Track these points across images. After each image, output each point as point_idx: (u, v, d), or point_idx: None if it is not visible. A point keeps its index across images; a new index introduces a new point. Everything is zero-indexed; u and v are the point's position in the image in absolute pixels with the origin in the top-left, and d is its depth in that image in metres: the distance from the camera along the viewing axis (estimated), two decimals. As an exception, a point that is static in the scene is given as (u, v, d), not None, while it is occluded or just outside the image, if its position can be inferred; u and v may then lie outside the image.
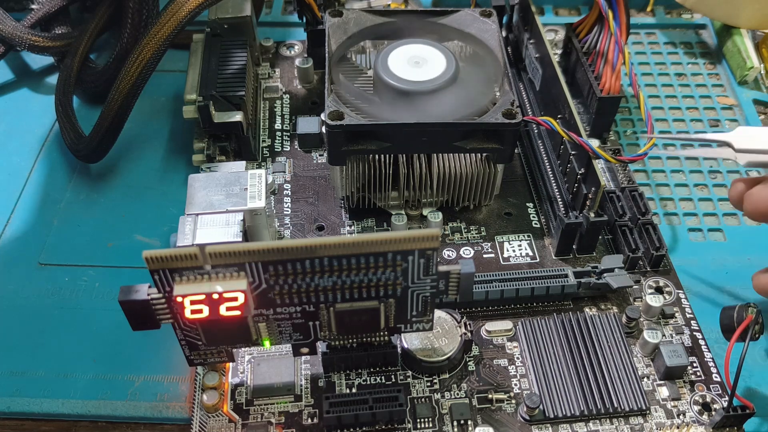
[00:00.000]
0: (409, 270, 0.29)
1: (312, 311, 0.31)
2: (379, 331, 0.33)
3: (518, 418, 0.34)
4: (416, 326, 0.33)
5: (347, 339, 0.34)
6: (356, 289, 0.30)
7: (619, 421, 0.34)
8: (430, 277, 0.30)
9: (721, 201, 0.46)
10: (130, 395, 0.36)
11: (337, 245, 0.27)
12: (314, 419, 0.34)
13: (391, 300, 0.31)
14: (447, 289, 0.31)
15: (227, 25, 0.47)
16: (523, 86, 0.50)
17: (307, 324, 0.31)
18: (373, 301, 0.30)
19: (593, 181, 0.38)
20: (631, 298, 0.39)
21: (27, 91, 0.53)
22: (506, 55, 0.42)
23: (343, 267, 0.28)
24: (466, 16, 0.44)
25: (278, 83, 0.51)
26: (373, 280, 0.29)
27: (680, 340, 0.37)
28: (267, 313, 0.30)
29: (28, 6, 0.56)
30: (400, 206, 0.43)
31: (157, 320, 0.29)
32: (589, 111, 0.46)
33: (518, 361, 0.36)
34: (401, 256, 0.28)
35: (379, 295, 0.30)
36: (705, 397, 0.35)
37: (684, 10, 0.60)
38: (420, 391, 0.35)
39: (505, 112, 0.38)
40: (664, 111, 0.52)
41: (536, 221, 0.43)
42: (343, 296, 0.30)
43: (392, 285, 0.30)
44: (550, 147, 0.43)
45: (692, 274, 0.41)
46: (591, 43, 0.47)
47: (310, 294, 0.29)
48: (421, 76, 0.40)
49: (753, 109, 0.52)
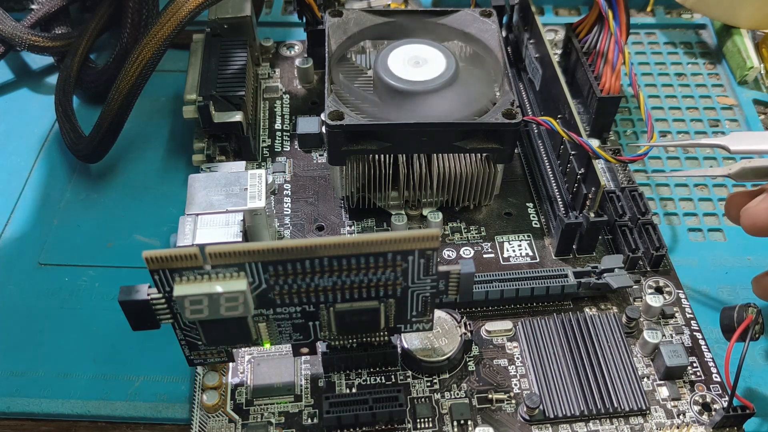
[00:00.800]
0: (409, 270, 0.29)
1: (312, 311, 0.31)
2: (379, 331, 0.33)
3: (518, 418, 0.34)
4: (416, 326, 0.33)
5: (347, 339, 0.34)
6: (356, 289, 0.30)
7: (619, 421, 0.34)
8: (430, 277, 0.30)
9: (720, 201, 0.46)
10: (129, 395, 0.36)
11: (337, 245, 0.27)
12: (314, 419, 0.34)
13: (391, 300, 0.31)
14: (447, 289, 0.31)
15: (227, 25, 0.47)
16: (523, 86, 0.50)
17: (307, 324, 0.31)
18: (373, 301, 0.30)
19: (593, 181, 0.38)
20: (631, 298, 0.39)
21: (27, 91, 0.53)
22: (506, 55, 0.42)
23: (343, 267, 0.28)
24: (466, 16, 0.44)
25: (278, 83, 0.51)
26: (373, 280, 0.29)
27: (680, 340, 0.37)
28: (267, 313, 0.30)
29: (28, 6, 0.56)
30: (400, 206, 0.43)
31: (157, 320, 0.29)
32: (589, 111, 0.46)
33: (518, 361, 0.36)
34: (401, 256, 0.28)
35: (379, 295, 0.30)
36: (705, 397, 0.35)
37: (684, 10, 0.60)
38: (420, 391, 0.35)
39: (505, 112, 0.38)
40: (664, 111, 0.52)
41: (536, 221, 0.43)
42: (343, 296, 0.30)
43: (392, 285, 0.30)
44: (550, 147, 0.43)
45: (692, 274, 0.41)
46: (591, 43, 0.47)
47: (310, 294, 0.29)
48: (421, 76, 0.40)
49: (753, 109, 0.52)
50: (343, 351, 0.34)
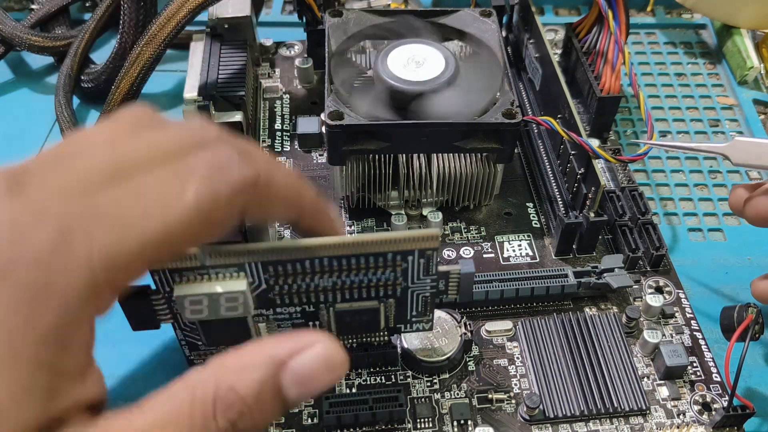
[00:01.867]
0: (409, 270, 0.29)
1: (312, 311, 0.31)
2: (378, 331, 0.33)
3: (518, 418, 0.34)
4: (416, 326, 0.33)
5: (347, 339, 0.34)
6: (356, 290, 0.30)
7: (619, 421, 0.34)
8: (430, 277, 0.30)
9: (721, 201, 0.46)
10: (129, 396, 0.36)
11: (336, 245, 0.27)
12: (314, 419, 0.34)
13: (391, 300, 0.31)
14: (447, 289, 0.30)
15: (227, 25, 0.47)
16: (523, 86, 0.50)
17: (306, 324, 0.31)
18: (373, 301, 0.30)
19: (593, 180, 0.38)
20: (631, 298, 0.39)
21: (27, 91, 0.53)
22: (506, 55, 0.42)
23: (342, 267, 0.28)
24: (465, 15, 0.44)
25: (278, 83, 0.51)
26: (372, 280, 0.29)
27: (680, 340, 0.37)
28: (267, 314, 0.30)
29: (28, 6, 0.56)
30: (400, 206, 0.43)
31: (157, 320, 0.29)
32: (589, 111, 0.46)
33: (518, 361, 0.36)
34: (401, 256, 0.28)
35: (379, 295, 0.30)
36: (705, 397, 0.35)
37: (684, 10, 0.60)
38: (420, 391, 0.35)
39: (504, 112, 0.38)
40: (664, 111, 0.52)
41: (536, 221, 0.43)
42: (343, 296, 0.30)
43: (392, 285, 0.30)
44: (550, 147, 0.43)
45: (692, 274, 0.41)
46: (591, 43, 0.47)
47: (310, 294, 0.29)
48: (421, 76, 0.40)
49: (753, 109, 0.52)
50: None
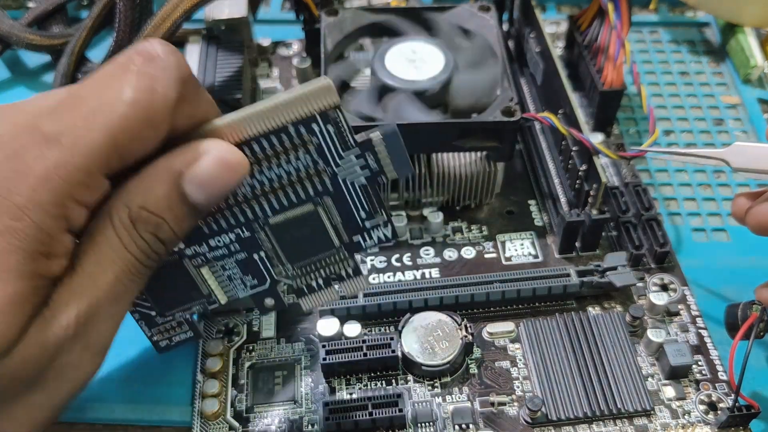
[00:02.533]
0: (324, 145, 0.27)
1: (248, 237, 0.29)
2: (335, 250, 0.30)
3: (521, 421, 0.34)
4: (375, 235, 0.30)
5: (308, 274, 0.31)
6: (280, 191, 0.28)
7: (623, 423, 0.34)
8: (353, 153, 0.27)
9: (725, 201, 0.46)
10: (128, 398, 0.36)
11: (225, 127, 0.26)
12: (314, 426, 0.34)
13: (327, 198, 0.28)
14: (379, 161, 0.28)
15: (224, 26, 0.47)
16: (525, 81, 0.49)
17: (252, 258, 0.29)
18: (307, 204, 0.28)
19: (594, 177, 0.37)
20: (635, 296, 0.38)
21: (24, 90, 0.53)
22: (507, 51, 0.41)
23: (249, 160, 0.26)
24: (464, 11, 0.44)
25: (276, 83, 0.51)
26: (291, 172, 0.27)
27: (685, 338, 0.37)
28: (202, 251, 0.29)
29: (25, 4, 0.55)
30: (400, 206, 0.42)
31: None
32: (592, 104, 0.46)
33: (520, 363, 0.36)
34: (304, 127, 0.26)
35: (309, 194, 0.28)
36: (711, 396, 0.34)
37: (687, 8, 0.59)
38: (421, 396, 0.35)
39: (504, 109, 0.37)
40: (667, 109, 0.51)
41: (538, 219, 0.42)
42: (270, 205, 0.28)
43: (316, 174, 0.28)
44: (552, 143, 0.43)
45: (696, 275, 0.41)
46: (592, 37, 0.46)
47: (234, 210, 0.28)
48: (419, 75, 0.39)
49: (757, 108, 0.51)
50: (344, 352, 0.34)
